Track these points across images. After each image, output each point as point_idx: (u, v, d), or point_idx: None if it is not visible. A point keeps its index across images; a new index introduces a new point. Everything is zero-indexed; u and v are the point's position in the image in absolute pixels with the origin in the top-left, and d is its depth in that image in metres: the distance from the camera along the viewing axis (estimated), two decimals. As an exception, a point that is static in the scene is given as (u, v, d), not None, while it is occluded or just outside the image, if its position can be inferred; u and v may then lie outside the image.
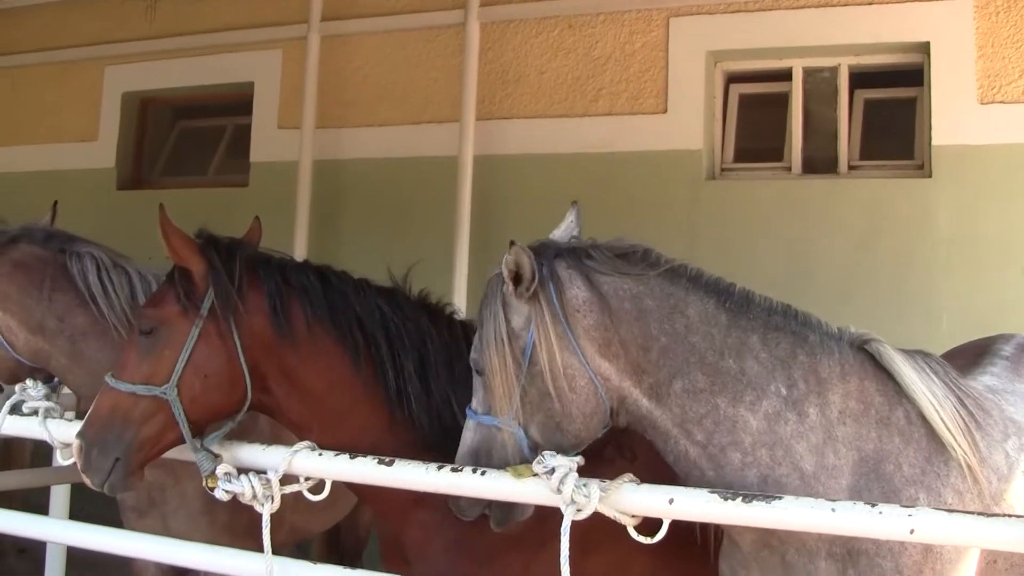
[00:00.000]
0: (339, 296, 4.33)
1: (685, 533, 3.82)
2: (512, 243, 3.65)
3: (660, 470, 3.74)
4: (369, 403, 4.29)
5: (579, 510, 3.50)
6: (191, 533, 4.97)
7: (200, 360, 4.10)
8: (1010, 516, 3.24)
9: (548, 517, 3.71)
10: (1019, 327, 5.17)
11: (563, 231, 3.98)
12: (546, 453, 3.56)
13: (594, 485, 3.49)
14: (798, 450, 3.56)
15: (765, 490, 3.52)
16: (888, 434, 3.62)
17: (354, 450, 4.04)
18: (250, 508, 4.10)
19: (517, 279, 3.64)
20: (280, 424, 4.49)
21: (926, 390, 3.69)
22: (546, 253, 3.73)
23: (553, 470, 3.51)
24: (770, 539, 3.62)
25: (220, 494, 4.07)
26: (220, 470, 4.07)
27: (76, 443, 4.09)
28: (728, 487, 3.55)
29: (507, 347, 3.63)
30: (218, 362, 4.13)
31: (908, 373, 3.71)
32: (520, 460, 3.65)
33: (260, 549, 4.22)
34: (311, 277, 4.35)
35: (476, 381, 3.82)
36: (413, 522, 4.33)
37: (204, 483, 4.12)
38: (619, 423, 3.76)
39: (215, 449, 4.14)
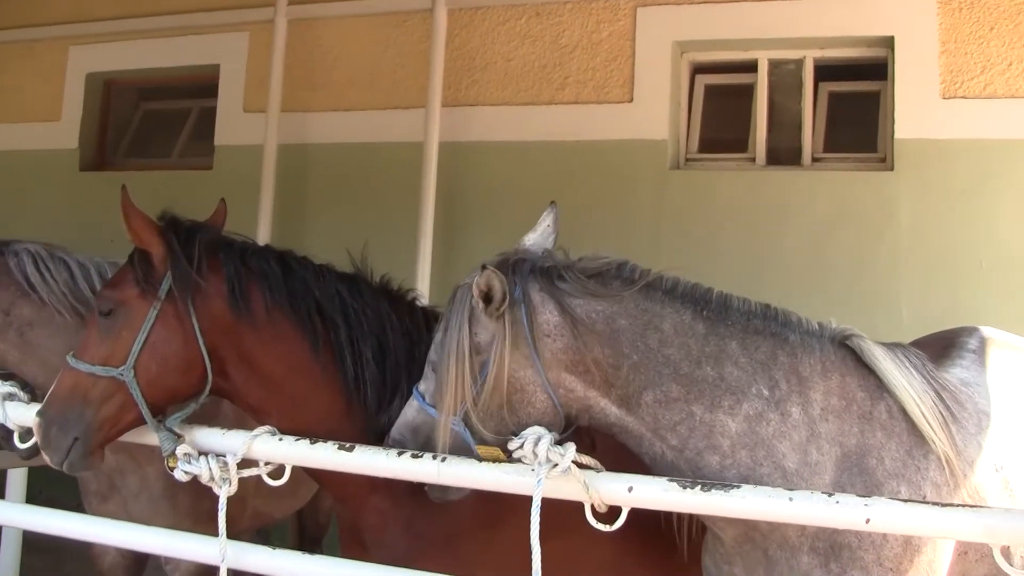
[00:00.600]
0: (299, 281, 4.32)
1: (650, 521, 3.85)
2: (484, 266, 3.60)
3: (621, 457, 3.76)
4: (327, 389, 4.28)
5: (555, 465, 3.49)
6: (153, 517, 4.97)
7: (157, 342, 4.09)
8: (962, 506, 3.29)
9: (504, 499, 3.72)
10: (978, 320, 5.20)
11: (539, 235, 3.92)
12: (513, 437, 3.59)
13: (570, 445, 3.51)
14: (780, 449, 3.57)
15: None
16: (871, 429, 3.65)
17: (312, 436, 4.04)
18: (214, 494, 4.09)
19: (487, 299, 3.60)
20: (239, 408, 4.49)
21: (906, 384, 3.71)
22: (520, 271, 3.68)
23: (524, 438, 3.54)
24: (752, 534, 3.65)
25: (179, 475, 4.06)
26: (180, 450, 4.05)
27: (36, 421, 4.10)
28: None
29: (467, 361, 3.61)
30: (175, 344, 4.11)
31: (889, 368, 3.73)
32: (467, 450, 3.67)
33: (228, 535, 4.24)
34: (271, 262, 4.33)
35: (428, 372, 3.83)
36: (370, 507, 4.34)
37: (165, 463, 4.11)
38: (579, 424, 3.75)
39: (177, 430, 4.13)
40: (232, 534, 4.07)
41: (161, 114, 11.38)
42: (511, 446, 3.56)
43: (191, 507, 5.02)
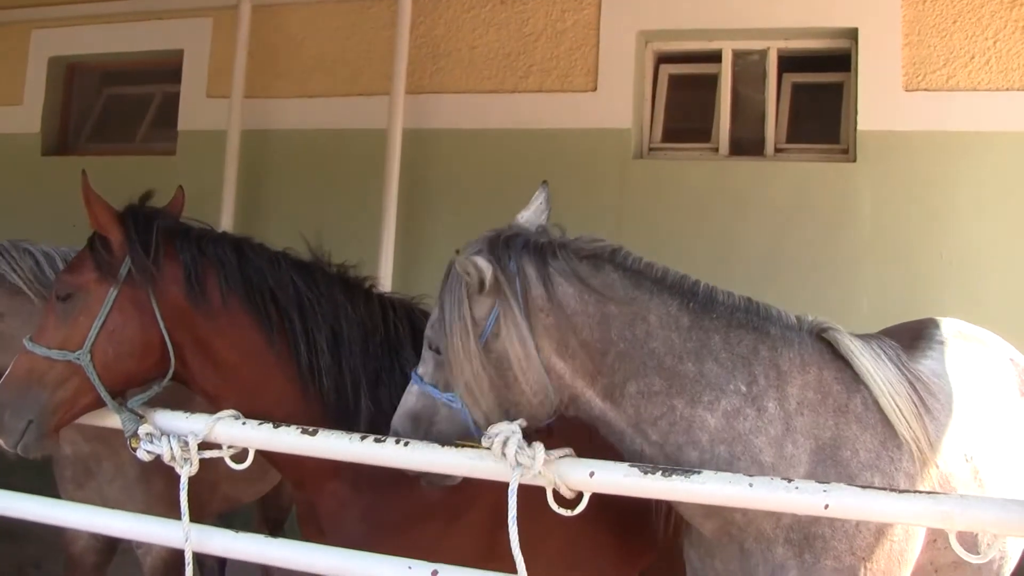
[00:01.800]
0: (254, 269, 4.32)
1: (612, 509, 3.87)
2: (457, 251, 3.66)
3: (577, 444, 3.77)
4: (282, 376, 4.29)
5: (527, 469, 3.50)
6: (127, 503, 4.99)
7: (114, 327, 4.12)
8: (920, 492, 3.32)
9: (463, 489, 3.75)
10: (938, 311, 5.25)
11: (532, 213, 3.92)
12: (490, 428, 3.60)
13: (539, 447, 3.51)
14: (757, 444, 3.61)
15: None
16: (846, 421, 3.68)
17: (275, 418, 4.06)
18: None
19: (479, 284, 3.61)
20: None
21: (881, 376, 3.75)
22: (514, 246, 3.70)
23: (497, 434, 3.55)
24: (730, 528, 3.69)
25: (142, 454, 4.07)
26: (142, 430, 4.06)
27: None
28: None
29: (470, 335, 3.61)
30: (132, 329, 4.14)
31: (865, 361, 3.77)
32: (463, 436, 3.68)
33: (198, 519, 4.24)
34: (227, 249, 4.34)
35: (427, 353, 3.81)
36: (327, 493, 4.35)
37: (128, 444, 4.12)
38: (567, 415, 3.77)
39: (139, 411, 4.15)
40: (201, 517, 4.08)
41: (124, 99, 11.30)
42: (483, 442, 3.58)
43: (164, 492, 4.98)
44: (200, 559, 7.02)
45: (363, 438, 3.76)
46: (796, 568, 3.61)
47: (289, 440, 3.92)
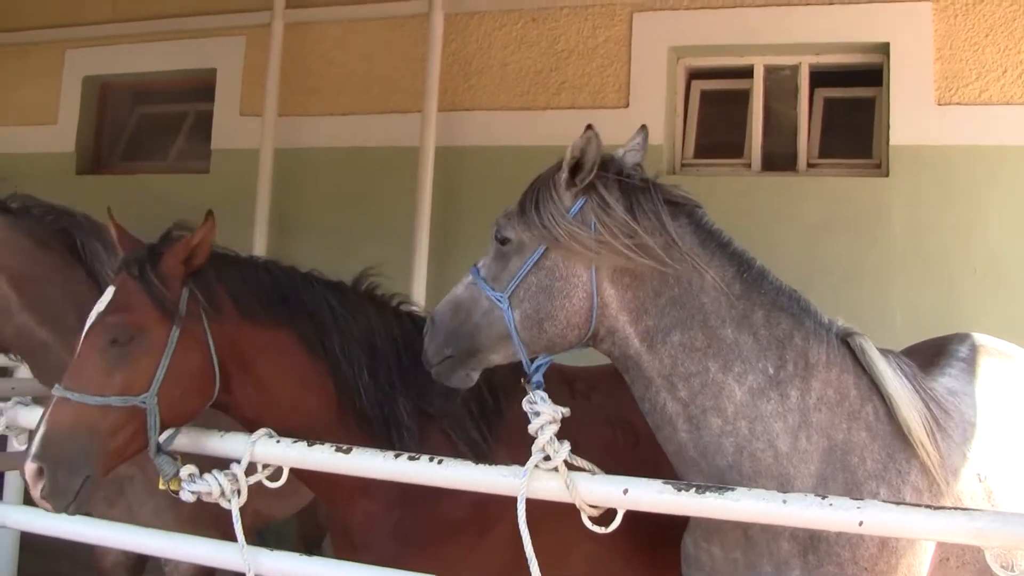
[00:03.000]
0: (291, 291, 4.36)
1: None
2: (589, 126, 3.73)
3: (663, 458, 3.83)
4: (320, 394, 4.32)
5: (547, 458, 3.57)
6: (156, 523, 4.90)
7: (178, 364, 4.02)
8: (955, 509, 3.31)
9: (489, 504, 3.77)
10: (971, 326, 5.22)
11: (630, 149, 4.00)
12: (537, 394, 3.67)
13: (566, 444, 3.57)
14: (776, 428, 3.63)
15: (740, 461, 3.62)
16: (856, 427, 3.70)
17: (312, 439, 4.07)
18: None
19: (576, 168, 3.72)
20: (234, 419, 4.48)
21: (899, 388, 3.76)
22: (611, 166, 3.79)
23: (538, 414, 3.63)
24: None
25: (186, 496, 4.02)
26: (184, 472, 4.02)
27: (33, 468, 3.81)
28: (702, 451, 3.64)
29: (537, 230, 3.72)
30: (193, 365, 4.07)
31: (887, 371, 3.79)
32: (498, 337, 3.78)
33: (225, 537, 4.27)
34: (261, 273, 4.39)
35: (491, 245, 3.90)
36: (358, 510, 4.38)
37: (165, 487, 4.05)
38: (600, 348, 3.84)
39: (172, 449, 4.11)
40: (231, 535, 4.08)
41: (157, 117, 11.36)
42: (525, 406, 3.69)
43: (194, 513, 4.97)
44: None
45: (397, 456, 3.78)
46: (800, 568, 3.63)
47: (323, 458, 3.93)
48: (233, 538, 4.13)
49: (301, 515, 6.66)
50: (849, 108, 8.62)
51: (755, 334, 3.71)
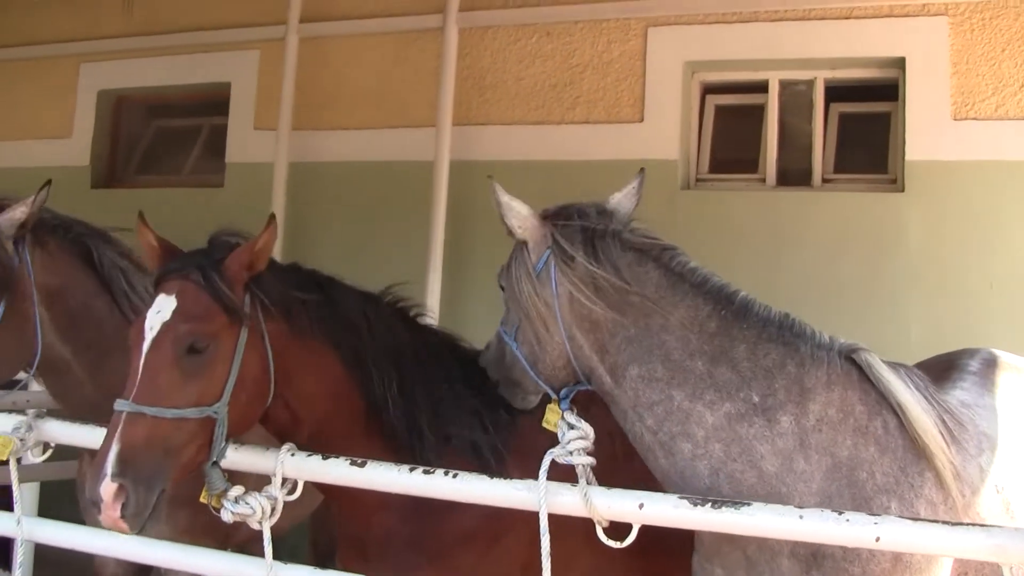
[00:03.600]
0: (332, 299, 4.36)
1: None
2: (489, 176, 4.17)
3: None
4: (349, 406, 4.34)
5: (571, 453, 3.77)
6: (153, 534, 4.82)
7: (244, 371, 3.99)
8: (973, 525, 3.28)
9: (501, 515, 3.79)
10: (986, 341, 5.20)
11: (623, 195, 4.27)
12: (571, 416, 3.91)
13: (590, 459, 3.72)
14: (759, 450, 3.62)
15: (717, 482, 3.63)
16: (864, 442, 3.67)
17: (336, 451, 4.06)
18: (208, 508, 4.07)
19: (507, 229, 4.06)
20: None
21: (910, 401, 3.73)
22: (578, 214, 4.06)
23: (571, 427, 3.88)
24: (731, 534, 3.65)
25: (227, 516, 3.96)
26: (233, 492, 3.95)
27: (114, 487, 3.65)
28: (680, 475, 3.68)
29: (532, 288, 3.98)
30: (257, 370, 4.05)
31: (896, 385, 3.76)
32: (522, 371, 4.12)
33: (216, 546, 4.43)
34: (305, 279, 4.40)
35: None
36: (375, 522, 4.37)
37: (207, 501, 4.00)
38: (594, 388, 4.00)
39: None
40: (227, 546, 4.07)
41: (172, 131, 11.39)
42: (556, 423, 3.96)
43: (189, 525, 4.97)
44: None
45: (412, 470, 3.78)
46: None
47: (339, 472, 3.93)
48: (229, 548, 4.26)
49: (316, 530, 6.64)
50: (864, 123, 8.60)
51: (735, 367, 3.74)
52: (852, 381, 3.78)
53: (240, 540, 5.53)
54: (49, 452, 4.38)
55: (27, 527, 4.47)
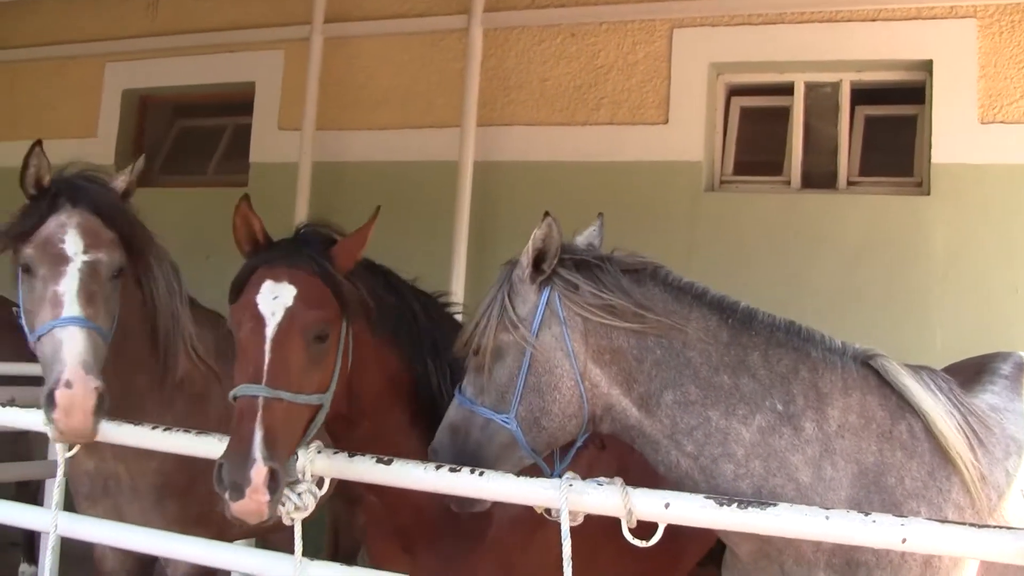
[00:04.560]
0: (393, 293, 4.46)
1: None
2: (547, 214, 3.73)
3: (628, 462, 3.91)
4: (403, 401, 4.40)
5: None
6: (144, 523, 4.85)
7: (343, 362, 4.06)
8: (1000, 527, 3.26)
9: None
10: (1013, 345, 5.18)
11: (585, 238, 4.06)
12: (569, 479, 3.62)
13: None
14: (793, 462, 3.58)
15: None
16: (890, 448, 3.64)
17: (390, 447, 4.07)
18: (201, 500, 4.19)
19: (540, 256, 3.75)
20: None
21: (930, 404, 3.70)
22: (567, 250, 3.82)
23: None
24: (768, 549, 3.64)
25: (286, 506, 3.85)
26: (301, 486, 3.87)
27: (265, 471, 3.64)
28: None
29: (511, 333, 3.74)
30: (345, 362, 4.08)
31: (915, 388, 3.72)
32: (501, 446, 3.79)
33: (209, 536, 4.45)
34: (378, 274, 4.51)
35: (470, 366, 3.92)
36: (426, 514, 4.37)
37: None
38: (601, 429, 3.83)
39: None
40: (229, 539, 4.06)
41: (196, 131, 11.44)
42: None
43: (179, 514, 5.01)
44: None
45: (438, 467, 3.74)
46: None
47: (364, 469, 3.90)
48: (224, 537, 4.34)
49: (337, 528, 6.64)
50: (890, 126, 8.58)
51: (754, 375, 3.68)
52: (870, 386, 3.74)
53: (235, 535, 5.51)
54: (76, 449, 4.37)
55: (62, 523, 4.46)
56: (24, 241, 4.52)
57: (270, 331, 3.89)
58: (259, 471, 3.62)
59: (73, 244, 4.51)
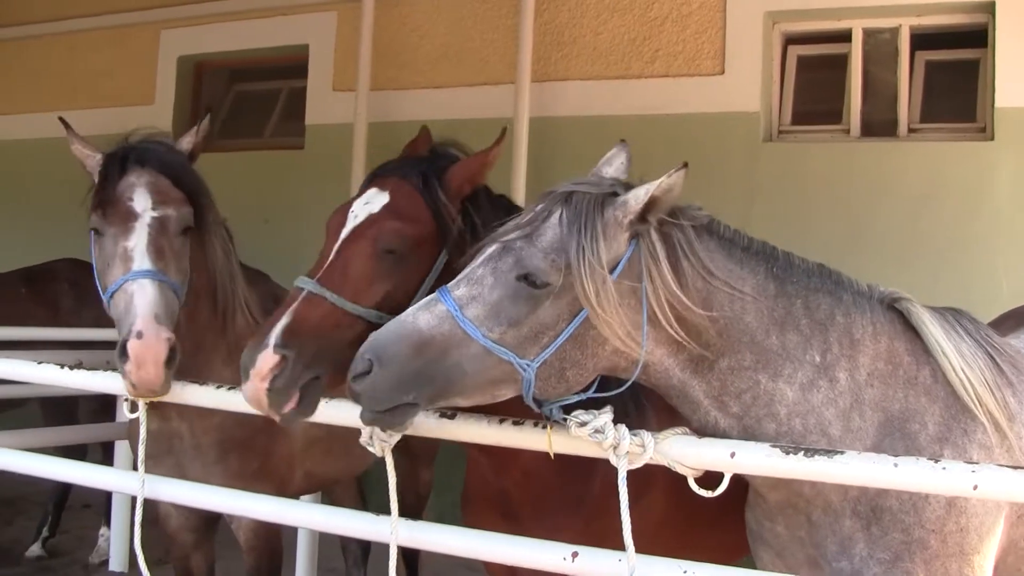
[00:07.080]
0: None
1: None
2: (685, 164, 3.28)
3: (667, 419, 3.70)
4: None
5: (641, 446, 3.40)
6: (206, 480, 4.90)
7: (427, 290, 3.74)
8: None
9: (647, 470, 3.60)
10: (1081, 290, 5.12)
11: (614, 171, 3.80)
12: (579, 413, 3.40)
13: (647, 435, 3.40)
14: (827, 416, 3.53)
15: None
16: (915, 393, 3.60)
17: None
18: (260, 454, 4.32)
19: (651, 204, 3.31)
20: None
21: (952, 348, 3.65)
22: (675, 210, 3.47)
23: (600, 431, 3.37)
24: (796, 499, 3.60)
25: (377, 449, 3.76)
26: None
27: (275, 358, 3.50)
28: None
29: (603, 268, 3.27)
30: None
31: (935, 331, 3.67)
32: (490, 382, 3.29)
33: (268, 492, 4.59)
34: (500, 210, 4.10)
35: (479, 270, 3.32)
36: (534, 480, 4.15)
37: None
38: (621, 376, 3.52)
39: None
40: (283, 495, 4.06)
41: (252, 95, 11.52)
42: (580, 431, 3.39)
43: (239, 470, 5.05)
44: (343, 543, 7.10)
45: (501, 421, 3.70)
46: (864, 541, 3.53)
47: (428, 424, 3.88)
48: (284, 491, 4.49)
49: (403, 485, 6.67)
50: (952, 71, 8.49)
51: (797, 327, 3.54)
52: (897, 331, 3.69)
53: (299, 489, 5.58)
54: (142, 410, 4.43)
55: (149, 485, 4.50)
56: (96, 206, 4.61)
57: (345, 232, 3.77)
58: (266, 357, 3.49)
59: (142, 201, 4.59)
